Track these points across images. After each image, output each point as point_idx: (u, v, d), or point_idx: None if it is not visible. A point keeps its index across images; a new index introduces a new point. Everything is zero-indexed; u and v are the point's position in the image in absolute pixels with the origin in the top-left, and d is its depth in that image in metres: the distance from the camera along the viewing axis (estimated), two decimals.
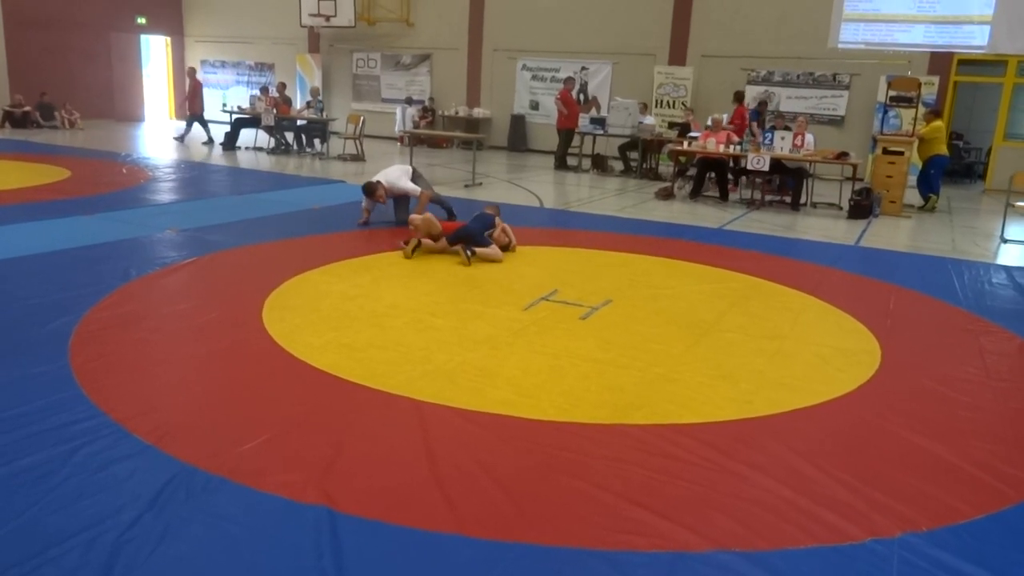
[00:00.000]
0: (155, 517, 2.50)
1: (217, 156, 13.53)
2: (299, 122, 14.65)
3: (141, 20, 20.26)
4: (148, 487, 2.68)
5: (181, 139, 15.19)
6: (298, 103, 16.95)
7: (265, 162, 13.10)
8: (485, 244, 6.44)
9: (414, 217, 6.78)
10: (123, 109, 20.11)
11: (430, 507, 2.65)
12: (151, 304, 4.88)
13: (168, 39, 21.27)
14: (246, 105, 15.53)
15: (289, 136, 14.67)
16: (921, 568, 2.44)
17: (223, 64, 21.08)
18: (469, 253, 6.29)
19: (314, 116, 14.54)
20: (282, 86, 15.64)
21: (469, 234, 6.48)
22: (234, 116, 14.89)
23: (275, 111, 14.20)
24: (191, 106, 15.26)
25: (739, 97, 12.72)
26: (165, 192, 9.40)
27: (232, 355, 4.04)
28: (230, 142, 14.51)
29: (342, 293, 5.27)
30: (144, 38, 20.77)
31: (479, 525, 2.56)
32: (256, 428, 3.17)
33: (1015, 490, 2.98)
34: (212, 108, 15.73)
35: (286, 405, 3.43)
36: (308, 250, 6.52)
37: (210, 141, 15.02)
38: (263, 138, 14.78)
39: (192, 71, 16.15)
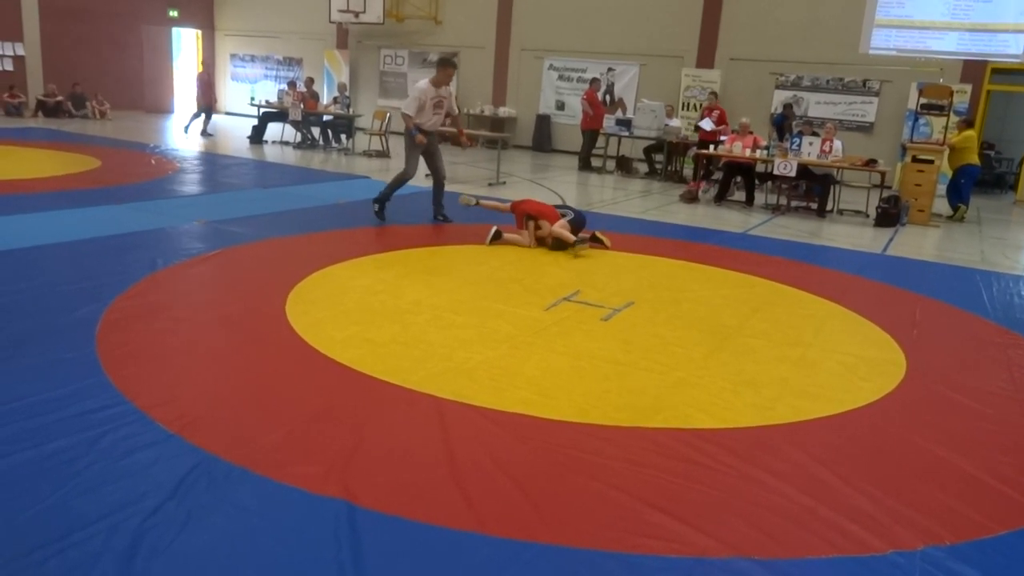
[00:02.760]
0: (177, 505, 2.53)
1: (244, 149, 13.65)
2: (325, 117, 14.74)
3: (173, 13, 20.49)
4: (171, 475, 2.71)
5: (203, 132, 15.33)
6: (325, 98, 17.05)
7: (291, 156, 13.19)
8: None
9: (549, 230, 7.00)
10: (153, 101, 20.36)
11: (448, 504, 2.66)
12: (177, 294, 4.93)
13: (199, 32, 21.50)
14: (274, 99, 15.65)
15: (315, 131, 14.77)
16: None
17: (252, 58, 21.28)
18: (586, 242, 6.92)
19: (341, 112, 14.62)
20: (310, 81, 15.73)
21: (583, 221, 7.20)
22: (262, 110, 15.01)
23: (302, 106, 14.30)
24: (208, 98, 15.42)
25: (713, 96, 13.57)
26: (192, 184, 9.50)
27: (255, 347, 4.08)
28: (257, 136, 14.63)
29: (365, 288, 5.30)
30: (175, 31, 21.00)
31: (496, 523, 2.56)
32: (278, 420, 3.19)
33: None
34: (240, 102, 15.82)
35: (307, 398, 3.46)
36: (332, 244, 6.56)
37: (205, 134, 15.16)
38: (290, 132, 14.89)
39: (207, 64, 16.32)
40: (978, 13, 13.06)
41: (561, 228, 6.87)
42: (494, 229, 6.99)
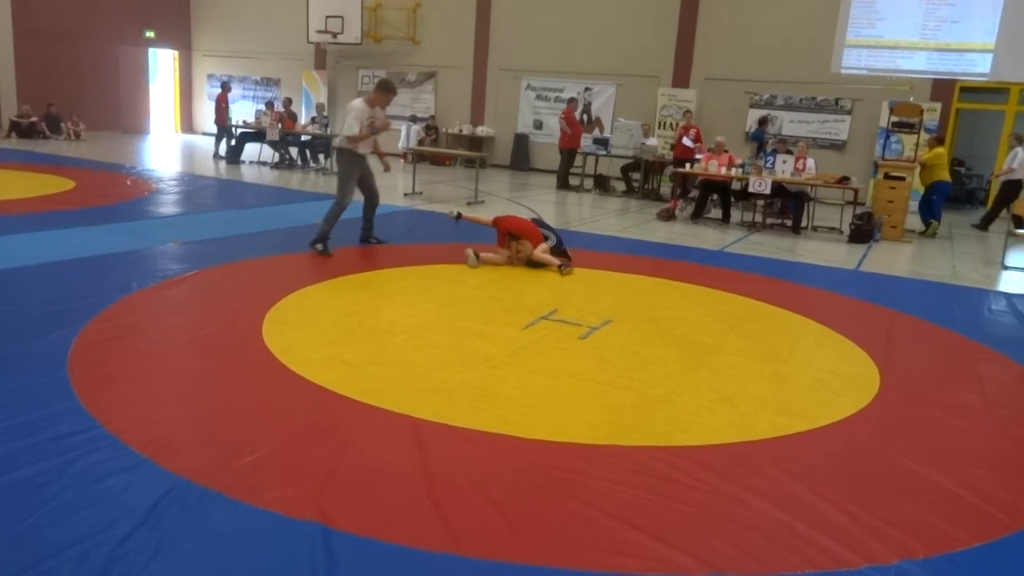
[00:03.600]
0: (149, 531, 2.49)
1: (221, 170, 13.59)
2: (304, 137, 14.73)
3: (150, 34, 20.44)
4: (143, 500, 2.67)
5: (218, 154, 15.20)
6: (303, 118, 17.04)
7: (269, 176, 13.16)
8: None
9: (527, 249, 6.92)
10: (129, 121, 20.25)
11: (425, 525, 2.64)
12: (152, 316, 4.89)
13: (176, 53, 21.44)
14: (252, 119, 15.62)
15: (293, 151, 14.75)
16: None
17: (230, 78, 21.20)
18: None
19: (319, 132, 14.62)
20: (288, 101, 15.74)
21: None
22: (239, 130, 14.98)
23: (280, 126, 14.28)
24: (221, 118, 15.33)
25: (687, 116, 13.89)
26: (169, 205, 9.44)
27: (231, 369, 4.04)
28: (235, 156, 14.59)
29: (342, 309, 5.28)
30: (152, 51, 20.93)
31: (474, 544, 2.55)
32: (253, 443, 3.16)
33: (1013, 518, 2.97)
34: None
35: (283, 420, 3.43)
36: (309, 265, 6.54)
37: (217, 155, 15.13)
38: (268, 152, 14.86)
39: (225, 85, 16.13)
40: (946, 33, 13.36)
41: (543, 253, 6.86)
42: (471, 254, 6.80)
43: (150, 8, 20.31)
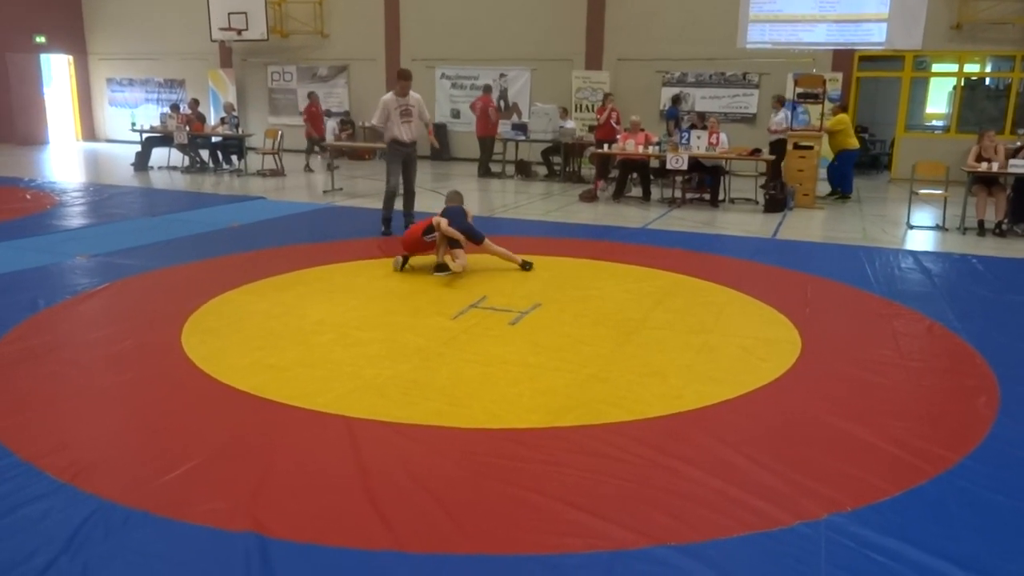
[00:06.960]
0: (71, 559, 2.38)
1: (128, 177, 13.05)
2: (214, 139, 14.26)
3: (40, 39, 19.39)
4: (63, 527, 2.55)
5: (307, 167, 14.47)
6: (212, 119, 16.49)
7: (180, 181, 12.70)
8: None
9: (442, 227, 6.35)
10: (24, 132, 19.20)
11: (364, 525, 2.60)
12: (62, 335, 4.66)
13: (70, 58, 20.43)
14: (157, 124, 15.03)
15: (204, 154, 14.27)
16: (847, 547, 2.52)
17: (131, 82, 20.36)
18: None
19: (229, 132, 14.17)
20: (194, 103, 15.20)
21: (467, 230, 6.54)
22: (145, 135, 14.39)
23: (188, 128, 13.79)
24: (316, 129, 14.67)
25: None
26: (74, 217, 9.00)
27: (151, 383, 3.89)
28: (142, 163, 14.02)
29: (266, 312, 5.14)
30: (45, 57, 19.89)
31: (415, 539, 2.52)
32: (178, 457, 3.05)
33: (931, 464, 3.11)
34: (121, 128, 15.09)
35: (210, 431, 3.32)
36: (229, 269, 6.34)
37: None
38: (177, 157, 14.33)
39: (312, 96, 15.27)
40: (843, 5, 13.83)
41: (446, 227, 6.37)
42: (398, 260, 6.38)
43: (38, 12, 19.27)
